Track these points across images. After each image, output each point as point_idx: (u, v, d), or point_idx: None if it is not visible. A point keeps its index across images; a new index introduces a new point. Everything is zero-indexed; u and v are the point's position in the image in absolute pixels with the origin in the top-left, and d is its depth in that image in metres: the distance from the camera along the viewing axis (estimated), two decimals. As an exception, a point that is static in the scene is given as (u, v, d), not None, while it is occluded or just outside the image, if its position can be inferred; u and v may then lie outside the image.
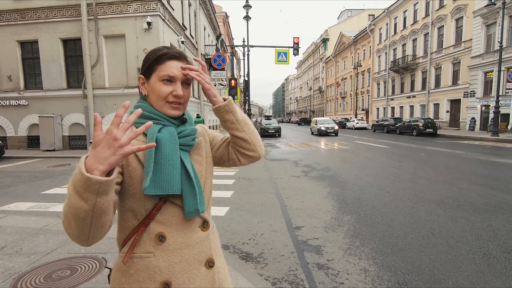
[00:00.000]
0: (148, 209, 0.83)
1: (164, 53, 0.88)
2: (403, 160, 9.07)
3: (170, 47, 0.91)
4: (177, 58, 0.88)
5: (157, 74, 0.87)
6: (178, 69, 0.87)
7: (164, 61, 0.87)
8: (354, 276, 2.50)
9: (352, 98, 44.00)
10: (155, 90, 0.87)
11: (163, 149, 0.83)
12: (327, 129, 21.18)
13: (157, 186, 0.81)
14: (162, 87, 0.86)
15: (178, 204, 0.86)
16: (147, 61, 0.89)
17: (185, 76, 0.88)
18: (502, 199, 4.63)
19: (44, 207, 4.65)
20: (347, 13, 58.12)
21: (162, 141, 0.84)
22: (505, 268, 2.57)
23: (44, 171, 7.79)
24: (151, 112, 0.87)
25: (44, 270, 2.51)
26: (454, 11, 22.79)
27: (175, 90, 0.87)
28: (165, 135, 0.85)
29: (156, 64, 0.87)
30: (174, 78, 0.87)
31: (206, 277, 0.89)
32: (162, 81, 0.86)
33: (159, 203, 0.84)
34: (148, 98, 0.90)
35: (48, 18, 11.57)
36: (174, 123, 0.90)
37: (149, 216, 0.83)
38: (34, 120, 12.02)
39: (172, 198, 0.85)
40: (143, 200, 0.83)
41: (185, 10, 16.21)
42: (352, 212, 4.20)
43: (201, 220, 0.91)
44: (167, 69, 0.86)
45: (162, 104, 0.88)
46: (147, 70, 0.89)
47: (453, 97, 23.27)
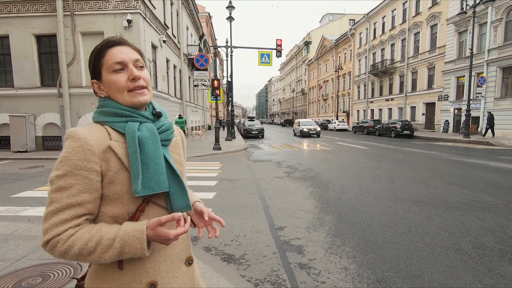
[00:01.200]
0: (131, 212, 0.80)
1: (102, 44, 0.84)
2: (382, 160, 9.35)
3: (109, 37, 0.87)
4: (118, 44, 0.84)
5: (106, 68, 0.82)
6: (123, 53, 0.83)
7: (105, 51, 0.82)
8: (335, 275, 2.54)
9: (333, 100, 44.93)
10: (111, 84, 0.82)
11: (146, 148, 0.80)
12: (309, 131, 21.45)
13: (146, 187, 0.78)
14: (116, 77, 0.81)
15: (160, 205, 0.84)
16: (91, 62, 0.85)
17: (135, 58, 0.84)
18: (473, 197, 4.87)
19: (14, 211, 4.40)
20: (328, 17, 59.39)
21: (143, 140, 0.80)
22: (476, 263, 2.70)
23: (14, 173, 7.38)
24: (122, 109, 0.82)
25: (13, 277, 2.37)
26: (429, 18, 23.85)
27: (130, 74, 0.82)
28: (146, 133, 0.81)
29: (100, 59, 0.83)
30: (123, 62, 0.82)
31: (186, 274, 0.89)
32: (113, 72, 0.81)
33: (142, 205, 0.81)
34: (110, 98, 0.84)
35: (21, 13, 10.99)
36: (149, 118, 0.86)
37: (133, 219, 0.80)
38: (4, 119, 11.37)
39: (154, 199, 0.83)
40: (127, 203, 0.79)
41: (167, 9, 15.93)
42: (333, 211, 4.28)
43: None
44: (112, 58, 0.81)
45: (125, 95, 0.82)
46: (94, 70, 0.84)
47: (428, 100, 24.31)
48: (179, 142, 0.97)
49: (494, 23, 17.50)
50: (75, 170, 0.73)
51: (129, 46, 0.86)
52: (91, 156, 0.75)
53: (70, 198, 0.73)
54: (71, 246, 0.71)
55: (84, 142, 0.75)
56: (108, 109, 0.82)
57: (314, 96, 56.60)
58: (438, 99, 22.78)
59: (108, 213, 0.79)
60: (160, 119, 0.89)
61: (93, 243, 0.72)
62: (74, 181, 0.73)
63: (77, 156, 0.74)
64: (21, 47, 11.20)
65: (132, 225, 0.75)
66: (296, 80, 71.51)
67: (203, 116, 30.67)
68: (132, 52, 0.85)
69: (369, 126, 24.23)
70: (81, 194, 0.74)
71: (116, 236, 0.73)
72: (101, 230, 0.74)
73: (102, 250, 0.72)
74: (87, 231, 0.74)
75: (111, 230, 0.74)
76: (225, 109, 47.23)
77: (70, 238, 0.72)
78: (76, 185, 0.73)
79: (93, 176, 0.75)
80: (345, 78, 41.88)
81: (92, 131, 0.79)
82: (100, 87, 0.86)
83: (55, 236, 0.71)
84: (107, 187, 0.78)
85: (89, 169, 0.74)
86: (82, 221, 0.75)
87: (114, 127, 0.81)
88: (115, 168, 0.77)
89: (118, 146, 0.79)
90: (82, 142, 0.75)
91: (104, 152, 0.77)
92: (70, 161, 0.74)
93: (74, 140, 0.75)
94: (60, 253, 0.72)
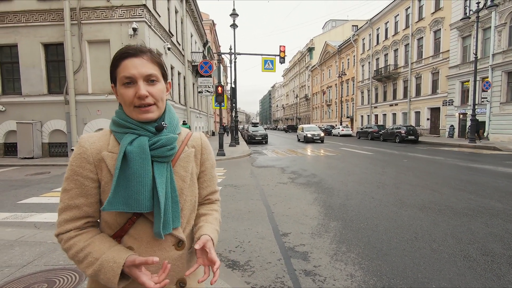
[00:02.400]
0: (121, 223, 0.81)
1: (117, 55, 0.81)
2: (386, 166, 9.28)
3: (129, 45, 0.84)
4: (132, 55, 0.80)
5: (118, 79, 0.81)
6: (135, 67, 0.79)
7: (119, 62, 0.80)
8: (340, 282, 2.51)
9: (337, 106, 44.91)
10: (121, 97, 0.82)
11: (131, 164, 0.78)
12: (313, 136, 21.41)
13: (126, 203, 0.77)
14: (125, 91, 0.80)
15: (151, 220, 0.82)
16: (110, 67, 0.85)
17: (146, 73, 0.80)
18: (480, 203, 4.80)
19: (20, 217, 4.43)
20: (331, 23, 59.77)
21: (131, 155, 0.78)
22: (484, 270, 2.65)
23: (21, 180, 7.46)
24: (125, 121, 0.82)
25: (19, 284, 2.38)
26: (432, 23, 23.88)
27: (136, 91, 0.79)
28: (135, 148, 0.79)
29: (115, 69, 0.82)
30: (133, 78, 0.79)
31: None
32: (123, 85, 0.80)
33: (132, 218, 0.81)
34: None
35: (29, 22, 11.25)
36: (151, 132, 0.83)
37: (123, 229, 0.81)
38: (12, 126, 11.54)
39: (146, 214, 0.82)
40: (114, 214, 0.80)
41: (171, 17, 16.18)
42: (338, 218, 4.24)
43: (175, 240, 0.86)
44: (123, 71, 0.80)
45: (132, 110, 0.81)
46: (111, 76, 0.85)
47: (433, 105, 24.18)
48: (191, 155, 0.91)
49: (498, 27, 17.46)
50: (74, 175, 0.80)
51: (146, 58, 0.82)
52: (86, 164, 0.80)
53: (70, 200, 0.80)
54: (68, 249, 0.78)
55: (82, 150, 0.80)
56: (116, 118, 0.85)
57: (317, 101, 56.64)
58: (443, 104, 22.65)
59: (103, 218, 0.83)
60: (161, 133, 0.84)
61: (82, 254, 0.76)
62: (73, 184, 0.80)
63: (76, 163, 0.80)
64: (29, 56, 11.44)
65: (115, 253, 0.76)
66: (299, 86, 71.71)
67: (207, 122, 30.82)
68: (146, 66, 0.81)
69: (373, 132, 24.12)
70: (78, 197, 0.79)
71: (99, 258, 0.75)
72: (93, 244, 0.77)
73: (86, 264, 0.75)
74: (84, 239, 0.78)
75: (100, 249, 0.76)
76: (229, 115, 47.42)
77: (68, 241, 0.78)
78: (74, 189, 0.80)
79: (88, 182, 0.80)
80: (348, 83, 41.90)
81: (96, 139, 0.82)
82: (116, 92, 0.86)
83: (59, 233, 0.80)
84: (101, 195, 0.81)
85: (84, 176, 0.80)
86: (82, 224, 0.80)
87: (116, 137, 0.83)
88: (105, 178, 0.80)
89: (111, 157, 0.80)
90: (81, 150, 0.80)
91: (100, 161, 0.81)
92: (71, 166, 0.80)
93: (77, 147, 0.82)
94: (63, 250, 0.80)
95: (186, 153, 0.89)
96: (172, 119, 0.90)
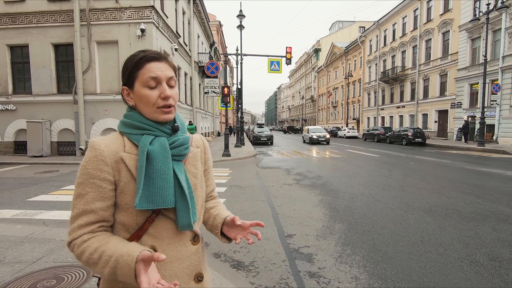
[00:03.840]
0: (140, 222, 0.82)
1: (142, 57, 0.83)
2: (393, 168, 9.21)
3: (146, 50, 0.87)
4: (156, 59, 0.84)
5: (140, 81, 0.82)
6: (160, 70, 0.83)
7: (143, 64, 0.83)
8: (345, 284, 2.51)
9: (343, 108, 44.66)
10: (142, 98, 0.83)
11: (154, 163, 0.81)
12: (318, 138, 21.26)
13: (150, 201, 0.79)
14: (148, 93, 0.82)
15: (170, 217, 0.85)
16: (126, 70, 0.85)
17: (169, 76, 0.85)
18: (488, 208, 4.73)
19: (30, 214, 4.52)
20: (338, 24, 59.50)
21: (153, 154, 0.81)
22: (491, 276, 2.62)
23: (30, 178, 7.60)
24: (141, 122, 0.84)
25: (28, 279, 2.43)
26: (441, 25, 23.61)
27: (162, 92, 0.82)
28: (157, 147, 0.82)
29: (136, 71, 0.83)
30: (158, 79, 0.82)
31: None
32: (147, 87, 0.82)
33: (151, 216, 0.82)
34: (136, 108, 0.86)
35: (40, 23, 11.47)
36: (167, 132, 0.87)
37: (142, 229, 0.82)
38: (22, 125, 11.77)
39: (165, 211, 0.84)
40: (135, 214, 0.81)
41: (179, 18, 16.32)
42: (343, 220, 4.23)
43: (192, 234, 0.90)
44: (148, 73, 0.82)
45: (153, 111, 0.83)
46: (128, 79, 0.85)
47: (441, 107, 23.88)
48: (198, 154, 0.96)
49: (509, 29, 17.18)
50: (90, 179, 0.79)
51: (167, 63, 0.86)
52: (104, 166, 0.79)
53: (85, 205, 0.78)
54: (82, 253, 0.76)
55: (99, 153, 0.80)
56: (129, 120, 0.86)
57: (323, 103, 56.41)
58: (451, 107, 22.35)
59: (119, 221, 0.83)
60: (176, 133, 0.89)
61: (97, 255, 0.75)
62: (89, 188, 0.79)
63: (92, 166, 0.79)
64: (39, 56, 11.66)
65: (129, 248, 0.74)
66: (305, 87, 71.52)
67: (212, 123, 30.94)
68: (168, 70, 0.85)
69: (380, 134, 23.93)
70: (95, 202, 0.78)
71: (114, 254, 0.73)
72: (107, 244, 0.76)
73: (102, 264, 0.74)
74: (97, 241, 0.77)
75: (114, 247, 0.75)
76: (235, 115, 47.60)
77: (82, 245, 0.77)
78: (90, 193, 0.79)
79: (106, 185, 0.79)
80: (355, 85, 41.65)
81: (109, 142, 0.83)
82: (129, 94, 0.87)
83: (72, 240, 0.78)
84: (119, 196, 0.81)
85: (101, 178, 0.79)
86: (96, 228, 0.79)
87: (130, 138, 0.84)
88: (125, 179, 0.81)
89: (130, 158, 0.82)
90: (97, 152, 0.80)
91: (117, 162, 0.81)
92: (86, 170, 0.79)
93: (91, 150, 0.81)
94: (76, 256, 0.78)
95: (193, 153, 0.94)
96: (181, 121, 0.95)
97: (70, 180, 7.16)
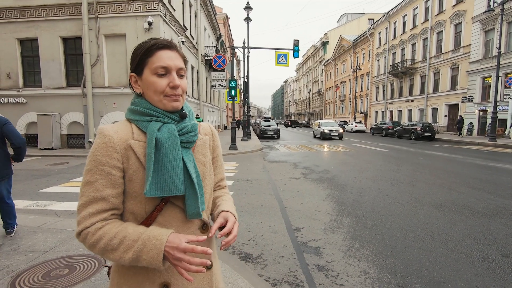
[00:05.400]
0: (148, 211, 0.81)
1: (153, 44, 0.83)
2: (401, 163, 9.10)
3: (158, 37, 0.86)
4: (167, 47, 0.84)
5: (149, 68, 0.82)
6: (170, 59, 0.82)
7: (154, 52, 0.82)
8: (354, 278, 2.50)
9: (351, 101, 44.14)
10: (151, 86, 0.82)
11: (163, 149, 0.80)
12: (330, 133, 19.99)
13: (160, 188, 0.78)
14: (157, 80, 0.81)
15: (179, 206, 0.84)
16: (136, 56, 0.84)
17: (179, 66, 0.84)
18: (500, 204, 4.65)
19: (42, 205, 4.62)
20: (347, 16, 58.42)
21: (162, 141, 0.80)
22: (504, 272, 2.58)
23: (41, 170, 7.75)
24: (149, 109, 0.83)
25: (42, 268, 2.49)
26: (453, 16, 22.96)
27: (171, 81, 0.82)
28: (165, 134, 0.81)
29: (146, 58, 0.82)
30: (168, 68, 0.82)
31: (204, 279, 0.89)
32: (156, 74, 0.81)
33: (160, 204, 0.81)
34: (144, 95, 0.85)
35: (49, 16, 11.54)
36: (174, 119, 0.86)
37: (150, 218, 0.81)
38: (33, 118, 11.96)
39: (173, 200, 0.83)
40: (144, 202, 0.80)
41: (186, 11, 16.23)
42: (351, 214, 4.21)
43: (200, 223, 0.89)
44: (159, 61, 0.81)
45: (161, 99, 0.83)
46: (137, 65, 0.84)
47: (451, 101, 23.39)
48: (207, 142, 0.95)
49: (524, 20, 16.61)
50: (99, 166, 0.77)
51: (177, 52, 0.86)
52: (113, 153, 0.78)
53: (95, 192, 0.77)
54: (98, 240, 0.74)
55: (108, 139, 0.79)
56: (137, 107, 0.85)
57: (330, 97, 55.83)
58: (462, 101, 21.86)
59: (128, 209, 0.82)
60: (184, 120, 0.88)
61: (117, 240, 0.73)
62: (98, 175, 0.77)
63: (101, 152, 0.78)
64: (48, 49, 11.76)
65: (155, 231, 0.74)
66: (312, 81, 70.81)
67: (219, 116, 30.97)
68: (178, 59, 0.85)
69: (388, 128, 23.60)
70: (105, 189, 0.77)
71: (139, 239, 0.73)
72: (126, 229, 0.75)
73: (123, 249, 0.73)
74: (114, 227, 0.76)
75: (136, 231, 0.75)
76: (241, 109, 47.57)
77: (97, 232, 0.74)
78: (100, 180, 0.77)
79: (116, 172, 0.78)
80: (363, 78, 41.04)
81: (118, 129, 0.82)
82: (137, 82, 0.86)
83: (84, 228, 0.75)
84: (127, 184, 0.80)
85: (111, 165, 0.78)
86: (108, 216, 0.78)
87: (138, 125, 0.84)
88: (134, 167, 0.80)
89: (138, 145, 0.81)
90: (106, 139, 0.79)
91: (126, 150, 0.80)
92: (95, 157, 0.78)
93: (100, 137, 0.80)
94: (90, 245, 0.75)
95: (202, 140, 0.93)
96: (189, 109, 0.94)
97: (80, 172, 7.27)
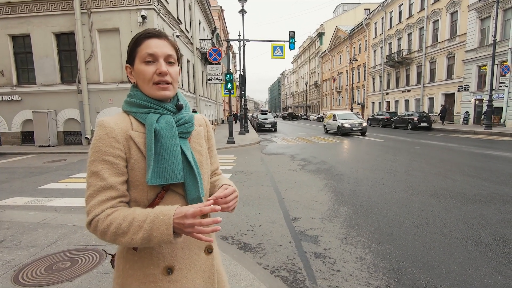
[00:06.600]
0: (150, 198, 0.84)
1: (140, 34, 0.86)
2: (398, 153, 9.18)
3: (151, 28, 0.89)
4: (155, 36, 0.86)
5: (139, 57, 0.85)
6: (158, 46, 0.85)
7: (142, 41, 0.85)
8: (350, 264, 2.56)
9: (347, 93, 44.09)
10: (140, 74, 0.85)
11: (162, 140, 0.83)
12: (352, 127, 15.53)
13: (160, 176, 0.81)
14: (145, 68, 0.84)
15: (179, 193, 0.87)
16: (129, 47, 0.88)
17: (167, 53, 0.86)
18: (494, 190, 4.73)
19: (41, 201, 4.64)
20: (342, 7, 57.93)
21: (161, 131, 0.83)
22: (495, 255, 2.65)
23: (39, 167, 7.74)
24: (146, 101, 0.86)
25: (44, 262, 2.53)
26: (449, 5, 22.85)
27: (158, 67, 0.84)
28: (164, 125, 0.84)
29: (136, 47, 0.86)
30: (155, 55, 0.84)
31: (205, 262, 0.92)
32: (144, 62, 0.84)
33: (161, 192, 0.84)
34: (138, 86, 0.88)
35: (40, 12, 11.36)
36: (171, 111, 0.89)
37: (152, 205, 0.84)
38: (28, 115, 11.88)
39: (173, 187, 0.86)
40: (146, 190, 0.83)
41: (180, 4, 16.02)
42: (348, 203, 4.27)
43: None
44: (146, 48, 0.84)
45: (150, 87, 0.85)
46: (129, 56, 0.88)
47: (447, 91, 23.47)
48: (201, 132, 0.99)
49: (520, 8, 16.58)
50: (103, 156, 0.80)
51: (167, 41, 0.88)
52: (116, 143, 0.81)
53: (103, 181, 0.79)
54: (109, 226, 0.76)
55: (109, 130, 0.81)
56: (134, 99, 0.87)
57: (327, 88, 55.72)
58: (458, 90, 21.95)
59: (132, 198, 0.85)
60: (181, 112, 0.91)
61: (126, 223, 0.75)
62: (103, 165, 0.79)
63: (104, 143, 0.80)
64: (41, 45, 11.61)
65: (163, 208, 0.77)
66: (309, 73, 70.54)
67: (216, 110, 30.88)
68: (167, 47, 0.87)
69: (385, 119, 23.70)
70: (111, 177, 0.80)
71: (147, 218, 0.75)
72: (134, 212, 0.78)
73: (134, 231, 0.74)
74: (123, 212, 0.78)
75: (143, 212, 0.77)
76: (238, 103, 47.42)
77: (107, 218, 0.76)
78: (105, 169, 0.79)
79: (119, 161, 0.81)
80: (359, 69, 40.95)
81: (117, 121, 0.85)
82: (132, 72, 0.89)
83: (95, 216, 0.77)
84: (130, 173, 0.83)
85: (115, 155, 0.80)
86: (117, 203, 0.81)
87: (136, 117, 0.86)
88: (135, 156, 0.83)
89: (138, 136, 0.84)
90: (108, 130, 0.81)
91: (127, 140, 0.83)
92: (98, 148, 0.80)
93: (101, 128, 0.82)
94: (101, 232, 0.77)
95: (197, 131, 0.97)
96: (185, 101, 0.96)
97: (78, 169, 7.29)
